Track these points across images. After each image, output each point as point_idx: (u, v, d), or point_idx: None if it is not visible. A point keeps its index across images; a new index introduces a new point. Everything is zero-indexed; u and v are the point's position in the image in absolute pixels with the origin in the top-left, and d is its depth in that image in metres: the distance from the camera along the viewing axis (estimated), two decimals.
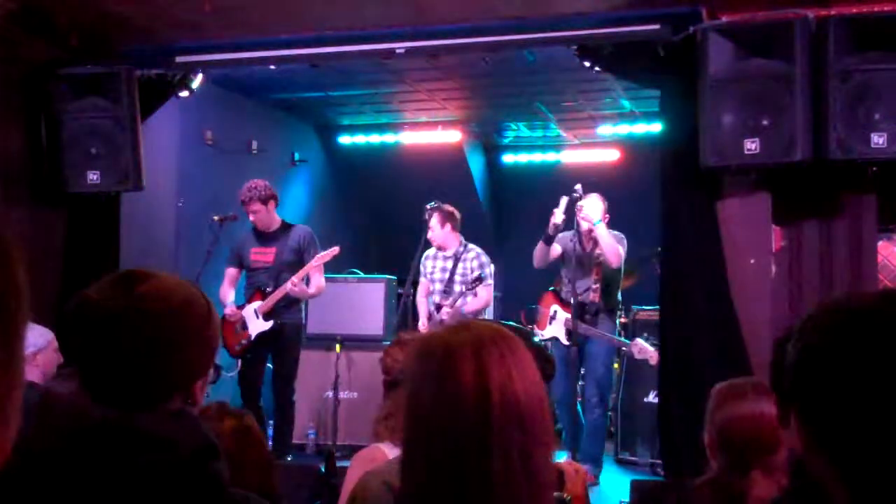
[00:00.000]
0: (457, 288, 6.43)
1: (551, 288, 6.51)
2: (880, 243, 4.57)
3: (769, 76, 4.33)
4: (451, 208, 6.62)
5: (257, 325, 6.22)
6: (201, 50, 5.54)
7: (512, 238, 6.92)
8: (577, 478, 2.17)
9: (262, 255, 6.29)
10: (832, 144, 4.19)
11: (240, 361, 6.35)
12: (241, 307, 6.25)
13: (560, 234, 6.37)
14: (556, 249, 6.38)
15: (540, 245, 6.26)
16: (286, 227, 6.39)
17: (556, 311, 6.32)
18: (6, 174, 5.27)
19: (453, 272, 6.49)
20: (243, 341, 6.22)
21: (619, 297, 6.46)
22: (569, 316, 6.17)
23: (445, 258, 6.58)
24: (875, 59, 4.20)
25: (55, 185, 5.42)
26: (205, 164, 7.33)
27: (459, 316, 6.30)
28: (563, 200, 6.02)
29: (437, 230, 6.50)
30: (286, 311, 6.27)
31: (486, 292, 6.46)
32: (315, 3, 5.13)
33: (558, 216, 6.03)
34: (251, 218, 6.25)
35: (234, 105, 7.79)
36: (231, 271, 6.36)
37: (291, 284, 6.12)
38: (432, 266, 6.65)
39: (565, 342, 6.09)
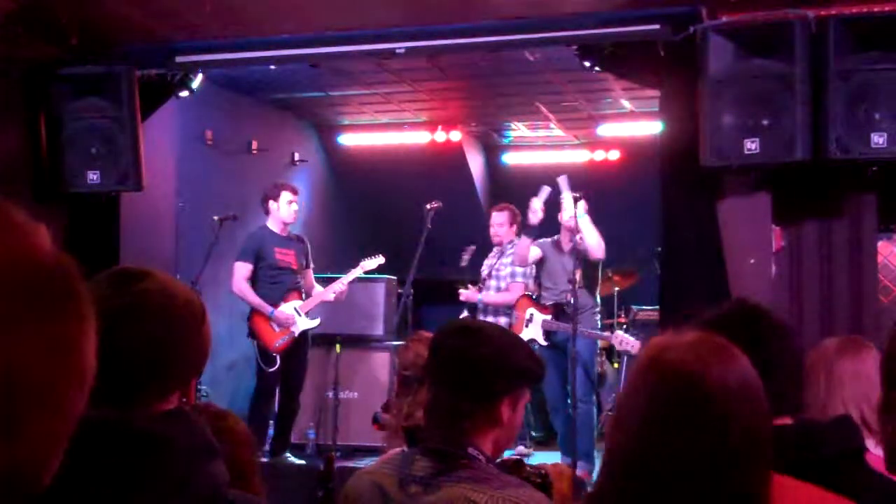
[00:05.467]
0: (492, 283, 6.54)
1: (527, 293, 6.52)
2: (880, 243, 4.56)
3: (769, 76, 4.33)
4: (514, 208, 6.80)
5: (302, 323, 6.37)
6: (201, 50, 5.54)
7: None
8: (562, 478, 2.16)
9: (286, 256, 6.43)
10: (832, 144, 4.19)
11: (278, 358, 6.35)
12: (275, 306, 6.33)
13: (540, 240, 6.40)
14: (537, 253, 6.39)
15: (523, 240, 6.31)
16: (291, 233, 6.57)
17: (532, 314, 6.33)
18: (6, 174, 5.27)
19: (492, 267, 6.62)
20: (285, 337, 6.30)
21: (598, 297, 6.47)
22: (546, 317, 6.20)
23: (492, 255, 6.72)
24: (875, 59, 4.20)
25: (55, 185, 5.41)
26: (205, 164, 7.33)
27: (471, 300, 6.51)
28: (543, 191, 6.11)
29: (506, 227, 6.61)
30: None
31: (513, 287, 6.53)
32: (315, 3, 5.13)
33: (537, 203, 6.10)
34: (292, 211, 6.40)
35: (234, 105, 7.79)
36: (249, 267, 6.33)
37: (343, 287, 6.58)
38: (483, 265, 6.80)
39: (543, 343, 6.13)
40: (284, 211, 6.38)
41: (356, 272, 6.69)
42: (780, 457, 1.49)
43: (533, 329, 6.24)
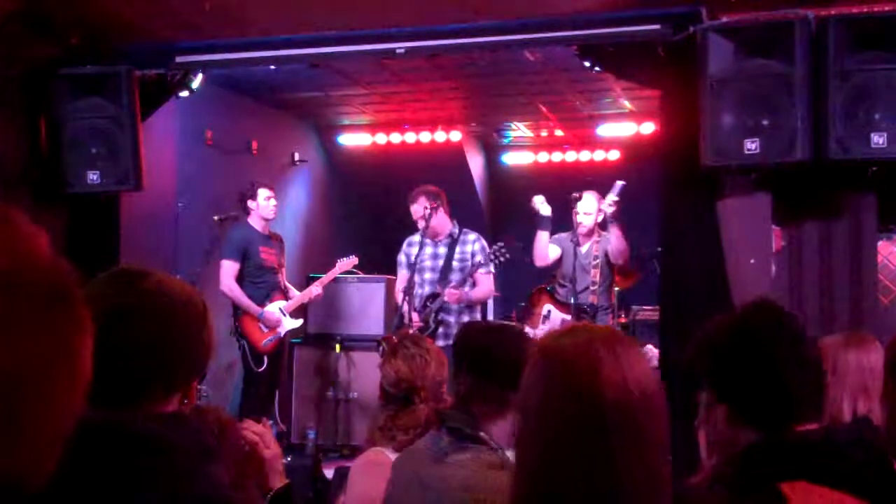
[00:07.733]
0: (454, 276, 6.03)
1: (545, 287, 6.50)
2: (880, 243, 4.56)
3: (769, 76, 4.32)
4: (434, 188, 6.19)
5: (288, 324, 6.41)
6: (201, 50, 5.54)
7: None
8: None
9: (270, 256, 6.47)
10: (832, 144, 4.19)
11: (266, 359, 6.38)
12: (260, 306, 6.36)
13: (556, 236, 6.36)
14: (556, 251, 6.37)
15: (539, 235, 6.24)
16: (271, 231, 6.64)
17: (549, 311, 6.30)
18: (6, 174, 5.26)
19: (450, 257, 6.08)
20: (272, 338, 6.34)
21: (613, 299, 6.50)
22: (564, 316, 6.17)
23: (437, 243, 6.18)
24: (875, 59, 4.20)
25: (55, 186, 5.41)
26: (205, 164, 7.33)
27: (465, 300, 6.00)
28: (616, 187, 6.00)
29: (433, 213, 6.05)
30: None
31: (488, 280, 6.10)
32: (315, 3, 5.12)
33: (609, 201, 5.99)
34: (272, 207, 6.45)
35: (234, 105, 7.79)
36: (237, 266, 6.35)
37: (320, 290, 6.61)
38: (419, 252, 6.12)
39: None
40: (264, 208, 6.45)
41: (334, 273, 6.74)
42: (809, 463, 1.54)
43: (549, 326, 6.22)
